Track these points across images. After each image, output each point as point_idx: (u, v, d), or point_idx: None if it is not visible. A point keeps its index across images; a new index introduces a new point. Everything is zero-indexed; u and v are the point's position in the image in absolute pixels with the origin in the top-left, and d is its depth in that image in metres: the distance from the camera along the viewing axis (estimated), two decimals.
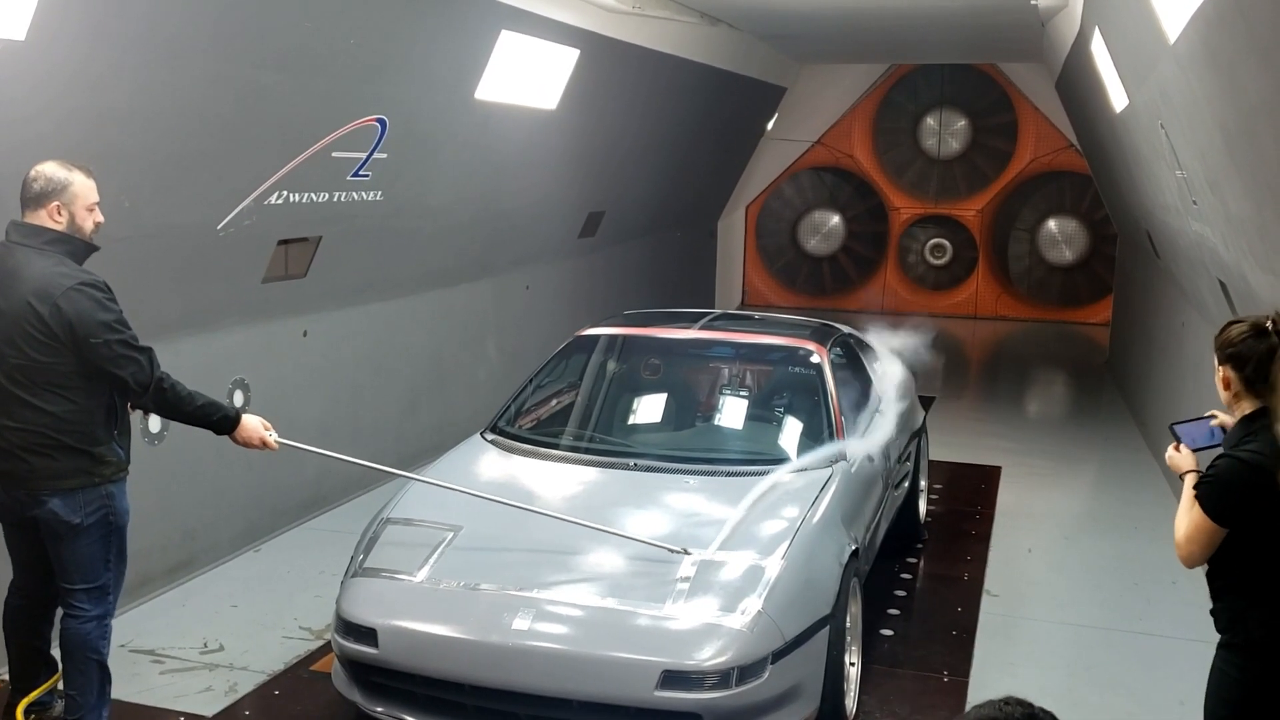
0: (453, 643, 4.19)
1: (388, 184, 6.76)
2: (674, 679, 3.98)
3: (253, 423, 4.32)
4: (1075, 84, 10.22)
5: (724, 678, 3.99)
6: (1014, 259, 16.45)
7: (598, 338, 6.16)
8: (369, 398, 7.62)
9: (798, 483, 4.98)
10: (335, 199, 6.34)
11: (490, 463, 5.32)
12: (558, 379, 6.11)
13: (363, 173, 6.42)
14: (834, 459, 5.19)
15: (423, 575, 4.42)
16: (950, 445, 8.91)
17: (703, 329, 6.17)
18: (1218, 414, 3.39)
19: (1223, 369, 3.21)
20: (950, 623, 5.84)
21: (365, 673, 4.37)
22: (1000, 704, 1.82)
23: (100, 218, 4.07)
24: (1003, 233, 16.42)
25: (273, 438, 4.37)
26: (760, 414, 5.84)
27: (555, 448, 5.46)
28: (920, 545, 6.94)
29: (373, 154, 6.37)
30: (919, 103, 16.42)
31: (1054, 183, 16.03)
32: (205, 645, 5.36)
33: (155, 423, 5.71)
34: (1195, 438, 3.33)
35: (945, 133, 16.38)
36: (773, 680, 4.06)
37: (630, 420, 5.87)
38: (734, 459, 5.28)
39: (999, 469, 8.67)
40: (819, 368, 5.74)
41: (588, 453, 5.39)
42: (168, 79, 4.74)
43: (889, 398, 6.38)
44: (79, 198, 3.98)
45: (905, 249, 16.86)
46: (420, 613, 4.30)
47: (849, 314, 14.58)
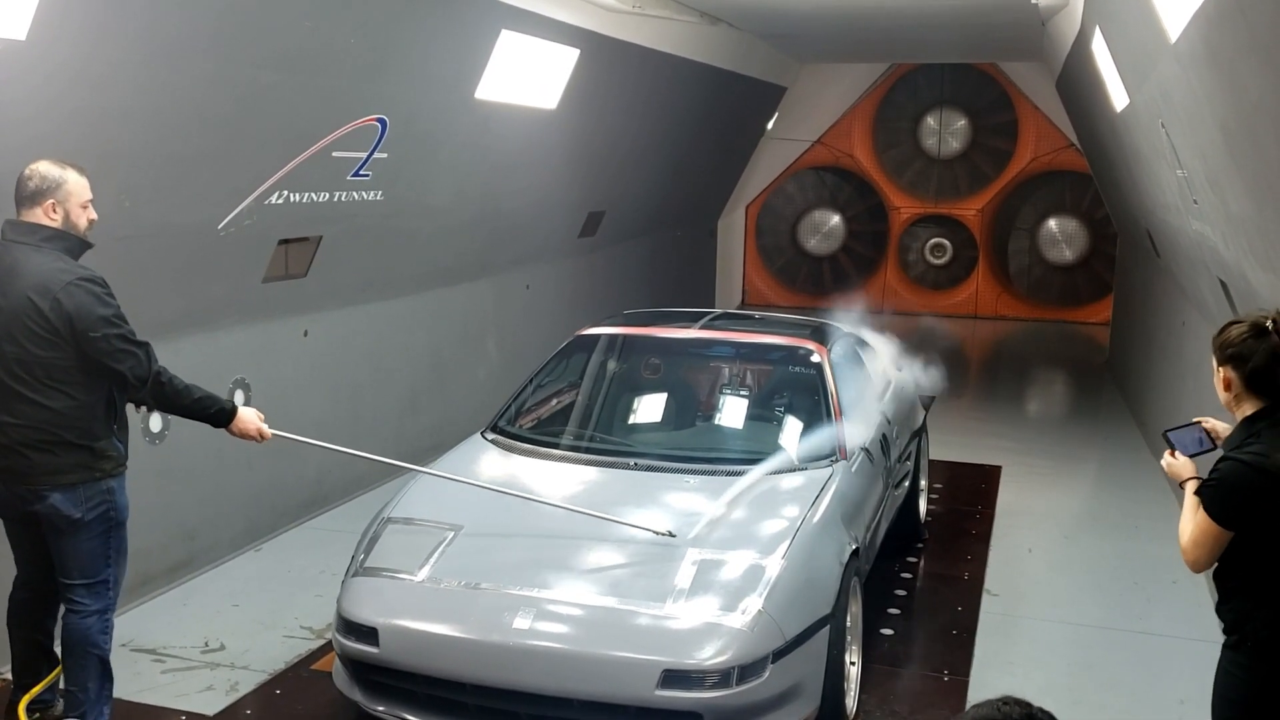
0: (453, 642, 4.19)
1: (388, 184, 6.76)
2: (674, 678, 3.98)
3: (249, 414, 4.37)
4: (1076, 83, 10.22)
5: (724, 677, 3.99)
6: (1014, 258, 16.44)
7: (598, 337, 6.17)
8: (369, 397, 7.62)
9: (798, 482, 4.99)
10: (335, 199, 6.34)
11: (491, 462, 5.32)
12: (558, 378, 6.11)
13: (363, 172, 6.42)
14: (834, 458, 5.20)
15: (423, 574, 4.42)
16: (950, 445, 8.89)
17: (703, 328, 6.17)
18: (1205, 420, 3.40)
19: (1222, 370, 3.19)
20: (950, 622, 5.85)
21: (366, 672, 4.38)
22: (999, 704, 1.81)
23: (94, 214, 4.11)
24: (1003, 232, 16.41)
25: (266, 429, 4.42)
26: (760, 413, 5.84)
27: (556, 447, 5.47)
28: (920, 545, 6.94)
29: (373, 154, 6.37)
30: (919, 102, 16.40)
31: (1054, 182, 16.02)
32: (206, 644, 5.36)
33: (156, 422, 5.71)
34: (1187, 444, 3.35)
35: (945, 132, 16.36)
36: (773, 679, 4.06)
37: (630, 420, 5.87)
38: (734, 458, 5.28)
39: (999, 468, 8.67)
40: (819, 367, 5.75)
41: (588, 452, 5.40)
42: (168, 79, 4.74)
43: (889, 397, 6.40)
44: (73, 195, 4.02)
45: (905, 248, 16.85)
46: (421, 612, 4.30)
47: (848, 314, 14.53)
